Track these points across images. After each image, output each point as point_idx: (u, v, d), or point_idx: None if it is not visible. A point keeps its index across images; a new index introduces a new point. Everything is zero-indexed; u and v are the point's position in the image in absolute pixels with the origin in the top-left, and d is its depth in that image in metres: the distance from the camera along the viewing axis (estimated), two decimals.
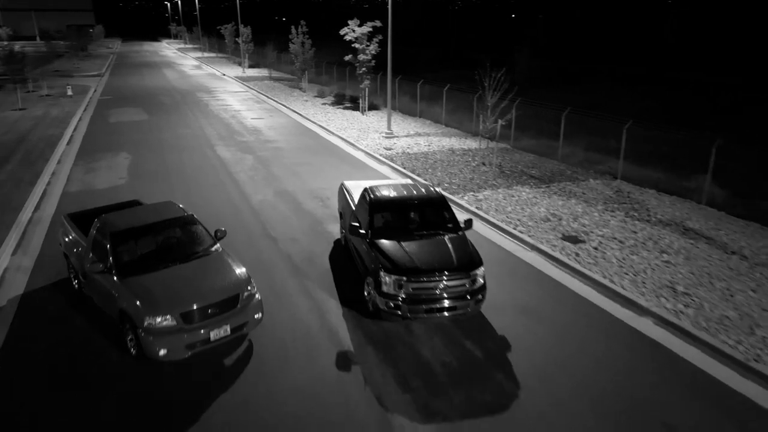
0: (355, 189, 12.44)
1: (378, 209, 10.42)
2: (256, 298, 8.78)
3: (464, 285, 9.14)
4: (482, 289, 9.34)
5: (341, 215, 12.80)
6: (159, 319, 7.84)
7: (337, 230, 13.43)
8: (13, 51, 32.92)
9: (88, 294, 9.69)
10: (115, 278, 8.50)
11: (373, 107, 30.71)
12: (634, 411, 7.48)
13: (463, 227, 10.39)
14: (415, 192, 11.03)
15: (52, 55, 64.00)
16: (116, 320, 8.70)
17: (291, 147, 22.40)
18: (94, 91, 38.72)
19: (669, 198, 15.89)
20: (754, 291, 10.44)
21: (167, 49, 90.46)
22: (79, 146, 22.34)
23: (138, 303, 7.99)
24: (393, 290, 9.06)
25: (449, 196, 15.58)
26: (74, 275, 10.26)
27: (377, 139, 23.32)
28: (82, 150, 21.70)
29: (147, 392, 7.85)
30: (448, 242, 9.80)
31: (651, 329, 9.36)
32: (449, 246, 9.68)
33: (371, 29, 27.20)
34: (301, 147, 22.46)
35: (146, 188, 16.53)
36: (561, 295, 10.54)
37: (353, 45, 27.69)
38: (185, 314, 8.00)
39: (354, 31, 27.34)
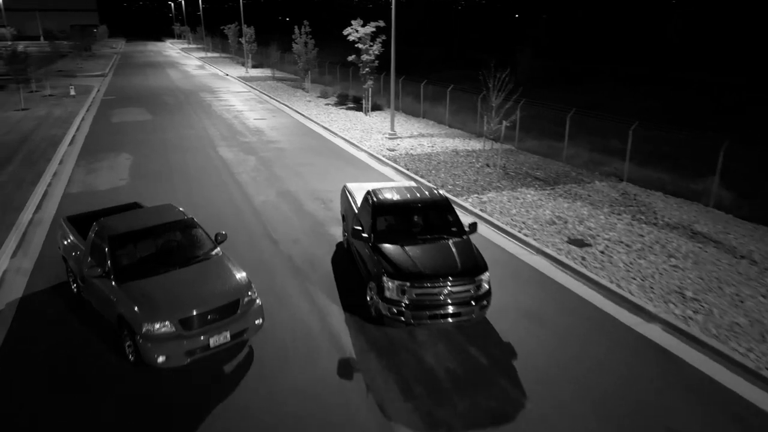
0: (358, 191, 12.29)
1: (381, 212, 10.26)
2: (257, 304, 8.63)
3: (469, 291, 8.98)
4: (487, 295, 9.17)
5: (344, 218, 12.64)
6: (158, 326, 7.70)
7: (340, 233, 13.28)
8: (16, 51, 32.91)
9: (87, 298, 9.56)
10: (114, 283, 8.37)
11: (376, 107, 30.56)
12: (638, 416, 7.36)
13: (468, 231, 10.23)
14: (419, 195, 10.87)
15: (56, 55, 63.95)
16: (114, 326, 8.57)
17: (293, 148, 22.27)
18: (98, 91, 38.67)
19: (676, 200, 15.68)
20: (765, 297, 10.23)
21: (171, 49, 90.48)
22: (81, 146, 22.25)
23: (136, 309, 7.85)
24: (396, 296, 8.90)
25: (453, 198, 15.42)
26: (73, 279, 10.14)
27: (380, 140, 23.16)
28: (84, 150, 21.62)
29: (146, 395, 7.74)
30: (453, 247, 9.63)
31: (659, 336, 9.17)
32: (453, 251, 9.51)
33: (374, 29, 27.07)
34: (304, 148, 22.32)
35: (148, 189, 16.42)
36: (566, 300, 10.36)
37: (356, 45, 27.56)
38: (184, 320, 7.85)
39: (357, 31, 27.21)
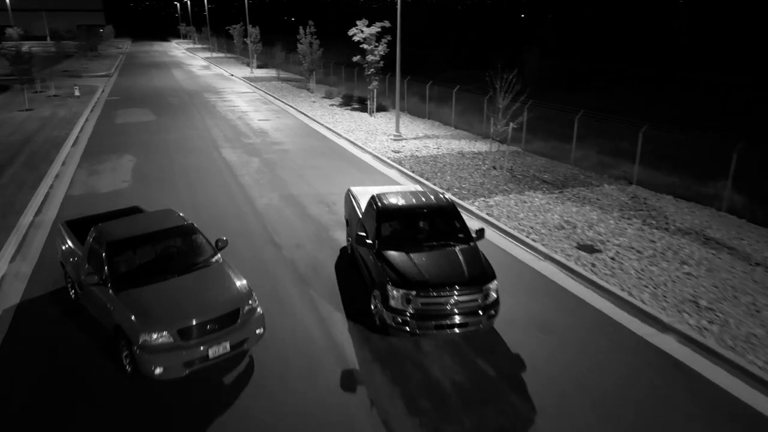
0: (362, 195, 12.02)
1: (386, 218, 9.98)
2: (258, 313, 8.37)
3: (476, 300, 8.69)
4: (495, 304, 8.88)
5: (347, 222, 12.38)
6: (155, 336, 7.46)
7: (344, 237, 13.02)
8: (20, 51, 32.84)
9: (85, 305, 9.34)
10: (111, 291, 8.13)
11: (382, 108, 30.30)
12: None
13: (475, 237, 9.94)
14: (425, 200, 10.60)
15: (61, 55, 64.03)
16: (111, 335, 8.33)
17: (297, 149, 22.03)
18: (102, 92, 38.59)
19: (687, 204, 15.32)
20: None
21: (176, 50, 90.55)
22: (84, 148, 22.09)
23: (133, 318, 7.61)
24: (401, 305, 8.63)
25: (459, 202, 15.14)
26: (71, 285, 9.92)
27: (385, 142, 22.90)
28: (87, 152, 21.45)
29: (145, 401, 7.56)
30: (459, 254, 9.35)
31: (676, 348, 8.83)
32: (460, 258, 9.23)
33: (380, 30, 26.80)
34: (308, 149, 22.08)
35: (150, 192, 16.23)
36: (577, 309, 10.04)
37: (362, 46, 27.31)
38: (183, 330, 7.60)
39: (362, 32, 26.96)
